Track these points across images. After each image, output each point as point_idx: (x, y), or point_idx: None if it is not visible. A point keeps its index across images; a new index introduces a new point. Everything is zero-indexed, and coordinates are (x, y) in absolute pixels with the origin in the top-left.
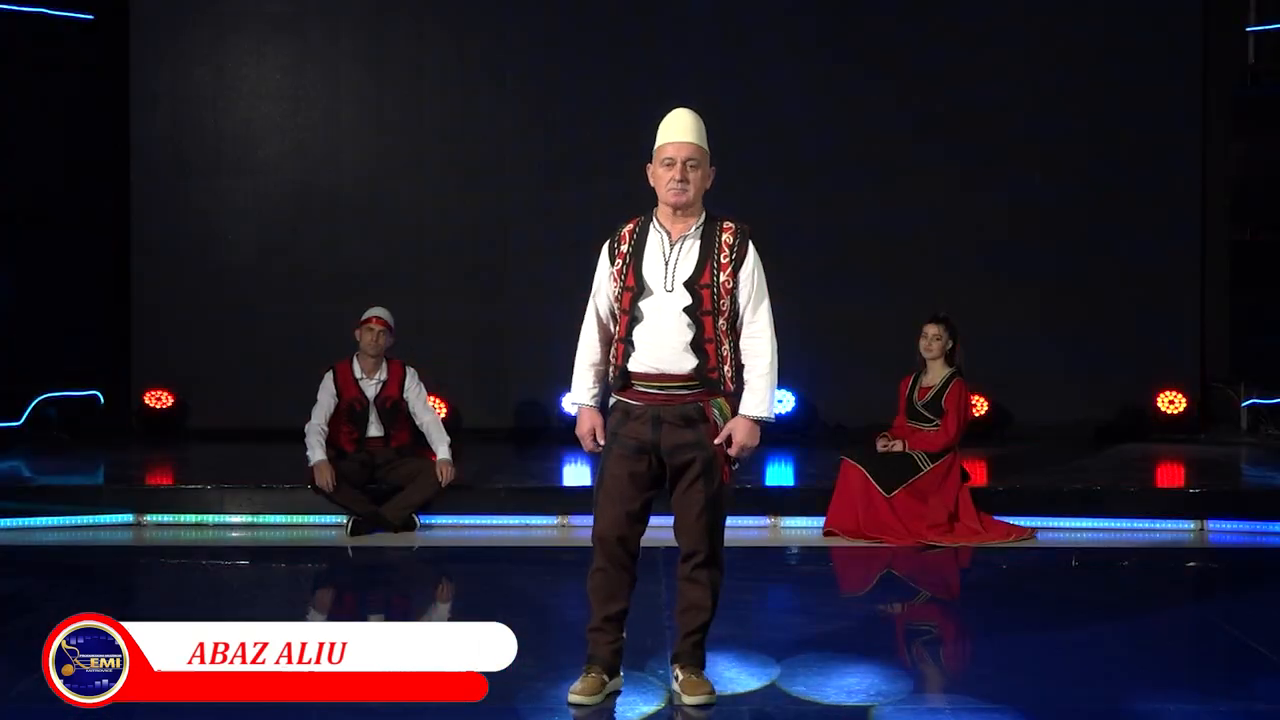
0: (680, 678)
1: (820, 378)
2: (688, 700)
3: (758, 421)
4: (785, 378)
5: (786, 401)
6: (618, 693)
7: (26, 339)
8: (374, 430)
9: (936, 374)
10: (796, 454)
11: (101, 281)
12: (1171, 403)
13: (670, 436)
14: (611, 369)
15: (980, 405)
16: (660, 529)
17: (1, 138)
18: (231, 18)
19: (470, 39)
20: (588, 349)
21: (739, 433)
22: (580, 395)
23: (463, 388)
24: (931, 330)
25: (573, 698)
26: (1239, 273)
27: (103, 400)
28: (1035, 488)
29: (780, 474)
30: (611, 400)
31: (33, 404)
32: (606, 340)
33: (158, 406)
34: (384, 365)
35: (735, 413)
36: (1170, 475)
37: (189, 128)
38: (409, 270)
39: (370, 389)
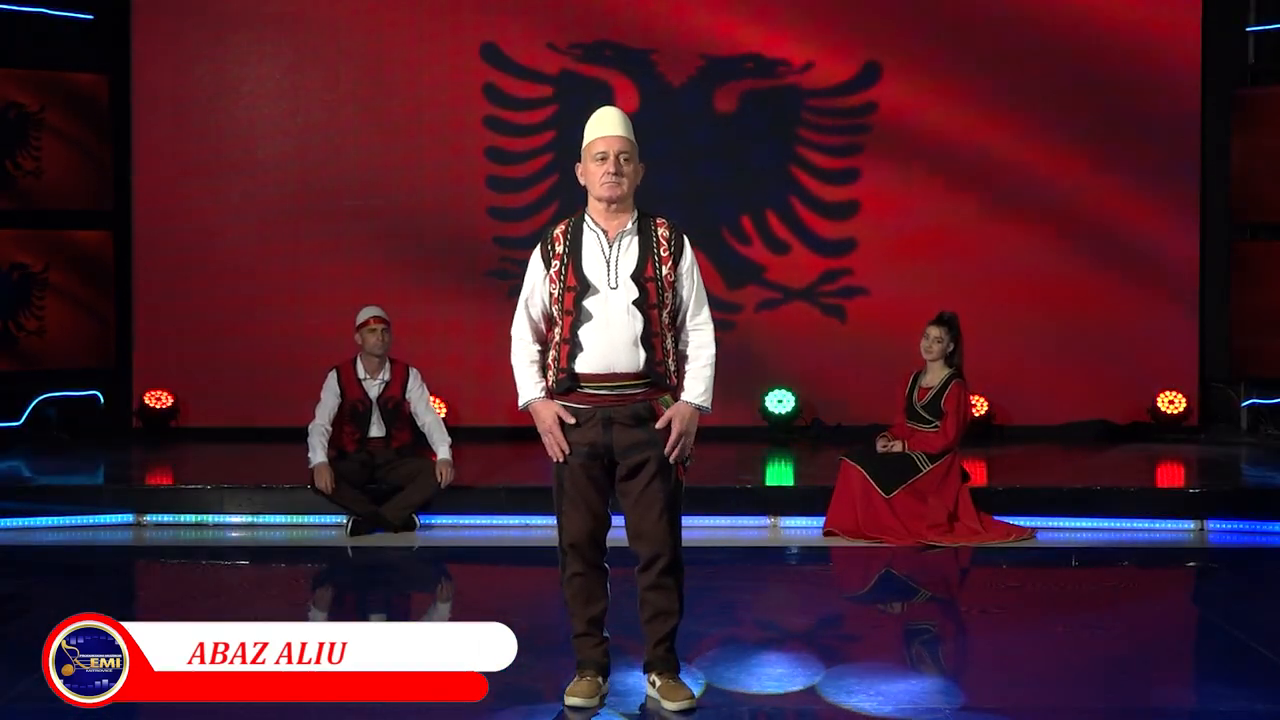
0: (658, 684)
1: (820, 378)
2: (669, 707)
3: (698, 409)
4: (786, 377)
5: (787, 401)
6: (606, 694)
7: (28, 338)
8: (376, 430)
9: (936, 375)
10: (796, 454)
11: (102, 281)
12: (1171, 403)
13: (622, 437)
14: (554, 373)
15: (980, 405)
16: (620, 527)
17: (1, 138)
18: (231, 18)
19: (469, 38)
20: (525, 349)
21: (679, 419)
22: (532, 391)
23: (462, 387)
24: (933, 332)
25: (570, 700)
26: (1239, 273)
27: (103, 400)
28: (1035, 488)
29: (780, 474)
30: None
31: (33, 404)
32: (540, 340)
33: (158, 406)
34: (387, 365)
35: None
36: (1170, 475)
37: (189, 128)
38: (409, 270)
39: (373, 389)
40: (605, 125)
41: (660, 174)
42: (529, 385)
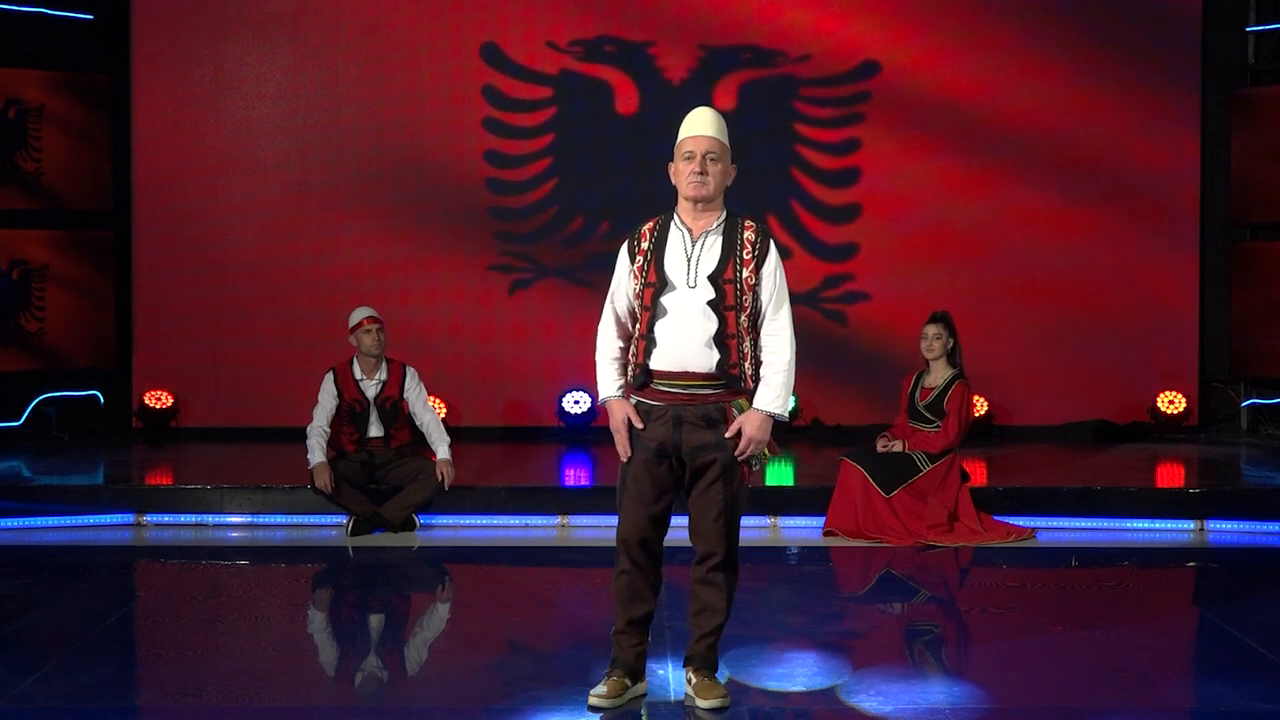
0: (694, 681)
1: (820, 378)
2: (701, 704)
3: (771, 417)
4: None
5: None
6: (642, 697)
7: (28, 337)
8: (374, 431)
9: (939, 375)
10: (796, 454)
11: (102, 281)
12: (1171, 403)
13: (692, 437)
14: (632, 367)
15: (980, 405)
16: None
17: (2, 137)
18: (231, 18)
19: (470, 39)
20: (608, 345)
21: (749, 425)
22: (609, 389)
23: (461, 387)
24: (931, 330)
25: (593, 700)
26: (1239, 273)
27: (103, 400)
28: (1035, 488)
29: (780, 474)
30: (631, 401)
31: (33, 404)
32: (625, 337)
33: (158, 406)
34: (384, 365)
35: None
36: (1170, 475)
37: (189, 128)
38: (408, 270)
39: (370, 389)
40: (695, 125)
41: (661, 176)
42: (607, 383)
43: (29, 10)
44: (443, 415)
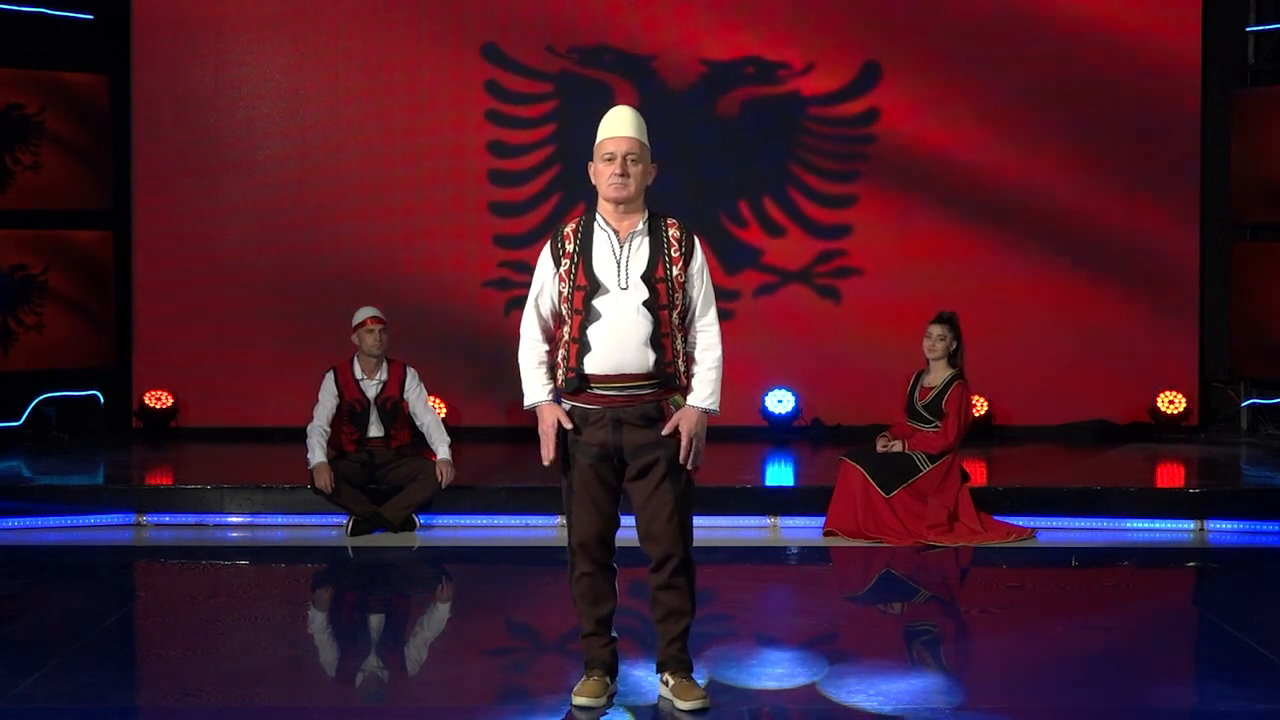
0: (671, 684)
1: (820, 378)
2: (682, 706)
3: (706, 413)
4: (786, 377)
5: (786, 401)
6: (614, 693)
7: (28, 337)
8: (374, 430)
9: (938, 375)
10: (796, 454)
11: (102, 281)
12: (1171, 403)
13: (632, 437)
14: (564, 372)
15: (980, 405)
16: (630, 528)
17: (1, 138)
18: (231, 18)
19: (470, 39)
20: (533, 349)
21: (688, 423)
22: (538, 394)
23: (461, 387)
24: (935, 330)
25: (578, 699)
26: (1239, 273)
27: (103, 400)
28: (1035, 488)
29: (780, 474)
30: (565, 407)
31: (33, 404)
32: (549, 339)
33: (158, 406)
34: (384, 365)
35: None
36: (1170, 475)
37: (189, 128)
38: (408, 270)
39: (371, 389)
40: (614, 125)
41: (660, 174)
42: (535, 387)
43: (29, 10)
44: (443, 415)
